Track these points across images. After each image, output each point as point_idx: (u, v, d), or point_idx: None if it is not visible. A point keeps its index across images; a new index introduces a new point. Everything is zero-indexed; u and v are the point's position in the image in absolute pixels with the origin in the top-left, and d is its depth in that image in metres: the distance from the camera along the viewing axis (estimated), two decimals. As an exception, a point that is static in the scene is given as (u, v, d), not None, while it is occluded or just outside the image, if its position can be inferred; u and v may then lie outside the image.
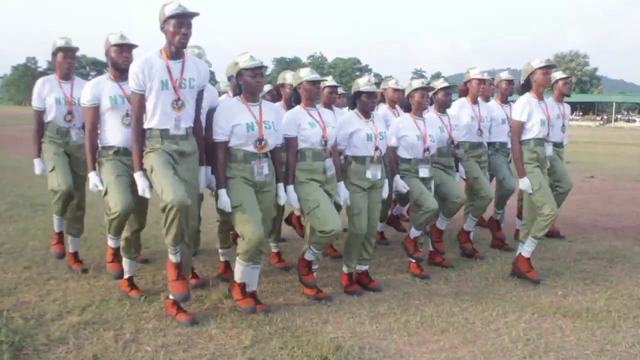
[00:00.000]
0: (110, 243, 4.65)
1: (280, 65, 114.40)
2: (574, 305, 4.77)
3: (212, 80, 5.63)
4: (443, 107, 5.65)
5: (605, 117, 75.24)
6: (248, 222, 4.18)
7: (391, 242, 6.79)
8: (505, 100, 6.48)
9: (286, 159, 4.61)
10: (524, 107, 5.20)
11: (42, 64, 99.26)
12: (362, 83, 4.93)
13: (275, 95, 5.69)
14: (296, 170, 4.59)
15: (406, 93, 5.41)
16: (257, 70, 4.24)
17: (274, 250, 5.78)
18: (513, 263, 5.48)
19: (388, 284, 5.21)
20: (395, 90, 6.58)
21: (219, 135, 4.23)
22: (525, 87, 5.33)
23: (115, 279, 4.76)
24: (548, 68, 5.23)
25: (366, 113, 4.94)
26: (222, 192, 4.24)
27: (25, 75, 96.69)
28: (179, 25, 3.88)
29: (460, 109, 5.98)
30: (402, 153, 5.28)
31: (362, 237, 4.90)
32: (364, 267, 5.11)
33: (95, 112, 4.37)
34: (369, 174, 4.86)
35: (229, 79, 5.22)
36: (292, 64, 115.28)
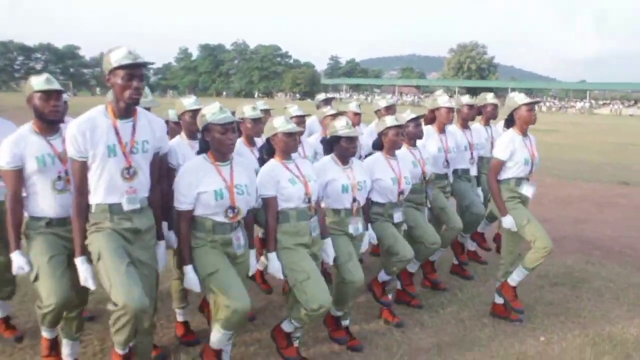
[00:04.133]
0: (45, 334, 3.56)
1: (205, 51, 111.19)
2: (563, 356, 4.15)
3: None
4: (414, 139, 4.83)
5: (502, 101, 77.90)
6: (231, 289, 3.25)
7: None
8: (466, 125, 5.73)
9: (265, 221, 3.67)
10: (507, 144, 4.47)
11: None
12: (340, 126, 3.96)
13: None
14: (279, 234, 3.65)
15: (378, 131, 4.50)
16: (229, 126, 3.25)
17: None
18: (497, 291, 4.83)
19: (363, 335, 4.41)
20: (356, 114, 5.77)
21: (181, 204, 3.27)
22: (509, 122, 4.61)
23: None
24: (533, 104, 4.53)
25: (344, 159, 4.05)
26: (189, 270, 3.30)
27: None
28: (129, 77, 2.88)
29: (427, 139, 5.17)
30: (375, 196, 4.41)
31: (359, 284, 3.94)
32: (346, 322, 4.30)
33: (18, 175, 3.24)
34: (351, 229, 4.01)
35: (179, 117, 4.25)
36: (217, 51, 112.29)
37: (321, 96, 7.04)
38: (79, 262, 3.03)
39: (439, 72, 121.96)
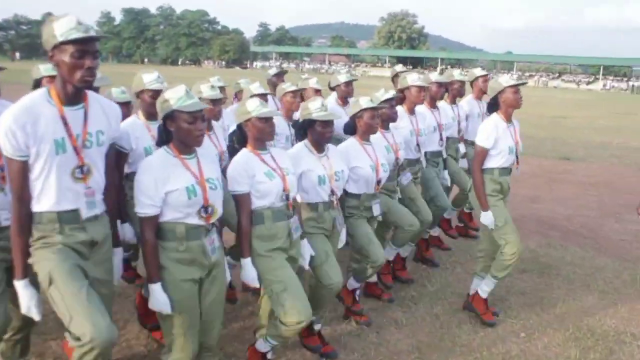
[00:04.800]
0: None
1: (128, 15, 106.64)
2: (547, 354, 3.98)
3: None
4: (388, 122, 4.46)
5: (431, 71, 79.15)
6: (184, 336, 2.85)
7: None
8: (434, 105, 5.40)
9: (237, 222, 3.19)
10: (491, 132, 4.16)
11: None
12: (314, 108, 3.51)
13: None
14: (252, 238, 3.20)
15: (351, 113, 4.09)
16: (198, 114, 2.73)
17: None
18: (467, 302, 4.57)
19: (336, 338, 4.07)
20: (317, 90, 5.33)
21: (146, 208, 2.69)
22: (492, 106, 4.32)
23: None
24: (519, 86, 4.24)
25: (320, 146, 3.63)
26: (156, 289, 2.73)
27: None
28: (81, 54, 2.32)
29: (399, 121, 4.80)
30: (350, 187, 4.02)
31: (337, 287, 3.58)
32: (318, 326, 3.90)
33: None
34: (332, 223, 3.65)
35: (138, 95, 3.70)
36: (141, 15, 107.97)
37: (272, 70, 6.52)
38: (21, 286, 2.47)
39: (369, 41, 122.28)
